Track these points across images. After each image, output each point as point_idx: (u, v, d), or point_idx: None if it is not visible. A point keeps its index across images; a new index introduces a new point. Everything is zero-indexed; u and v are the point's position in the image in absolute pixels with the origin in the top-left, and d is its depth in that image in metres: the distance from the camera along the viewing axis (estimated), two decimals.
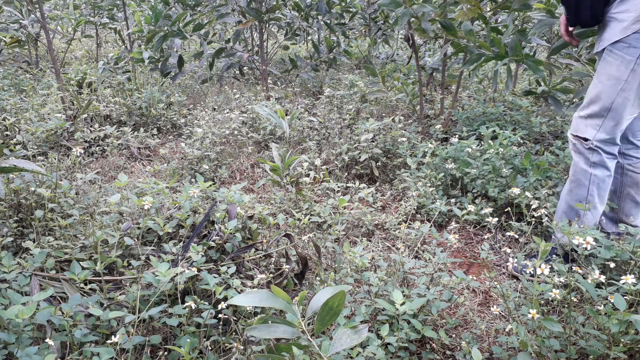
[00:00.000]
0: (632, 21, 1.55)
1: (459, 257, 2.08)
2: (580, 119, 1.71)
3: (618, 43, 1.59)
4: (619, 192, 1.86)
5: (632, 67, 1.58)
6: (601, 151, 1.68)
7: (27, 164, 1.55)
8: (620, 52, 1.59)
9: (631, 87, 1.61)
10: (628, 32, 1.57)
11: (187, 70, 4.29)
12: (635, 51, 1.57)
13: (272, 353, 1.10)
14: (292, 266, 1.73)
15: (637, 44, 1.56)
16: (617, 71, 1.61)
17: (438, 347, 1.44)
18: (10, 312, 1.16)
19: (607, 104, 1.64)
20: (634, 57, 1.57)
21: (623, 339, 1.21)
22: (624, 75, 1.60)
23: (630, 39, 1.57)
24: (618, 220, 1.89)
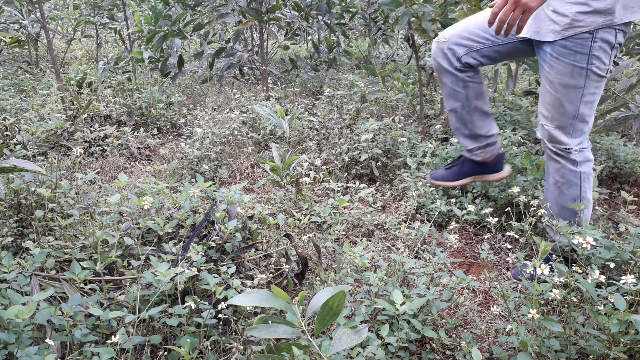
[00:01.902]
0: (563, 26, 1.51)
1: (459, 257, 2.08)
2: (550, 130, 1.67)
3: (559, 49, 1.54)
4: (467, 106, 1.81)
5: (585, 73, 1.55)
6: (582, 149, 1.68)
7: (27, 164, 1.55)
8: (568, 59, 1.54)
9: (590, 91, 1.59)
10: (558, 37, 1.52)
11: (187, 70, 4.29)
12: (583, 57, 1.52)
13: (272, 353, 1.10)
14: (292, 266, 1.73)
15: (582, 50, 1.51)
16: (573, 79, 1.56)
17: (438, 347, 1.44)
18: (10, 312, 1.16)
19: (572, 112, 1.61)
20: (584, 63, 1.53)
21: (623, 339, 1.21)
22: (580, 83, 1.56)
23: (573, 46, 1.52)
24: (475, 136, 1.85)
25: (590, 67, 1.53)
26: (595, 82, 1.57)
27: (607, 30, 1.48)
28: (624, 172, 2.60)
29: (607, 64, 1.55)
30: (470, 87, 1.77)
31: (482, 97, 1.81)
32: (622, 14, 1.47)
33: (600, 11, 1.45)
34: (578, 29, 1.48)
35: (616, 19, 1.47)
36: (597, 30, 1.48)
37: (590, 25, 1.47)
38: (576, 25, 1.49)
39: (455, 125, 1.87)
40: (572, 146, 1.66)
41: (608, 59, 1.54)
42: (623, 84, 2.06)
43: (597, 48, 1.50)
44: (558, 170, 1.71)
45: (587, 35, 1.48)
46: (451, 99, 1.82)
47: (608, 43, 1.51)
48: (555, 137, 1.66)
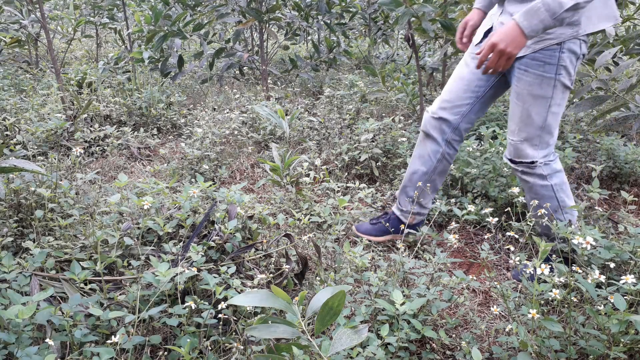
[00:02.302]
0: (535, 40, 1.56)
1: (459, 257, 2.08)
2: (516, 144, 1.70)
3: (528, 61, 1.59)
4: (430, 174, 1.92)
5: (553, 84, 1.59)
6: (549, 162, 1.70)
7: (27, 164, 1.55)
8: (537, 70, 1.59)
9: (557, 102, 1.63)
10: (529, 51, 1.57)
11: (187, 70, 4.29)
12: (551, 67, 1.57)
13: (272, 353, 1.10)
14: (292, 266, 1.73)
15: (551, 61, 1.56)
16: (541, 90, 1.60)
17: (438, 347, 1.44)
18: (10, 312, 1.16)
19: (539, 123, 1.64)
20: (553, 73, 1.58)
21: (623, 339, 1.21)
22: (548, 93, 1.61)
23: (542, 57, 1.57)
24: (415, 202, 1.98)
25: (558, 77, 1.58)
26: (562, 92, 1.62)
27: (573, 41, 1.55)
28: (624, 172, 2.60)
29: (572, 74, 1.61)
30: (442, 163, 1.90)
31: (444, 175, 1.95)
32: (586, 25, 1.54)
33: (568, 23, 1.51)
34: (548, 41, 1.54)
35: (581, 30, 1.54)
36: (564, 42, 1.54)
37: (559, 37, 1.53)
38: (546, 38, 1.54)
39: (406, 184, 1.98)
40: (537, 159, 1.69)
41: (573, 69, 1.60)
42: (623, 84, 2.06)
43: (564, 59, 1.56)
44: (530, 189, 1.74)
45: (555, 46, 1.54)
46: (420, 162, 1.93)
47: (574, 53, 1.57)
48: (521, 150, 1.69)
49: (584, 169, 2.71)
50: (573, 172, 2.72)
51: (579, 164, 2.76)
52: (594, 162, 2.67)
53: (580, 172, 2.71)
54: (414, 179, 1.96)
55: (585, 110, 2.21)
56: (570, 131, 3.05)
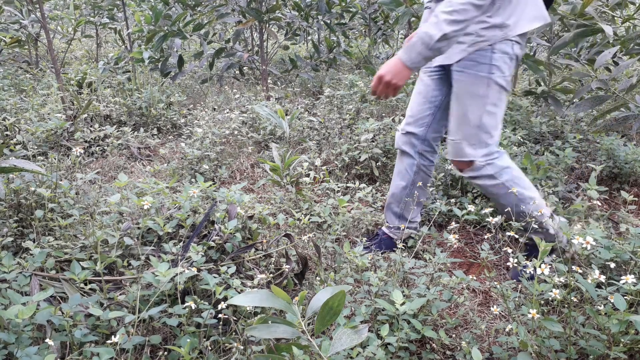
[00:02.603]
0: (469, 43, 1.64)
1: (459, 257, 2.08)
2: (455, 143, 1.74)
3: (464, 62, 1.66)
4: (409, 188, 1.98)
5: (487, 83, 1.65)
6: (490, 161, 1.72)
7: (27, 164, 1.55)
8: (472, 70, 1.66)
9: (493, 101, 1.68)
10: (464, 54, 1.66)
11: (187, 70, 4.29)
12: (484, 67, 1.64)
13: (272, 353, 1.10)
14: (292, 266, 1.73)
15: (484, 60, 1.63)
16: (476, 89, 1.67)
17: (438, 347, 1.44)
18: (10, 312, 1.16)
19: (475, 122, 1.69)
20: (486, 72, 1.64)
21: (623, 339, 1.21)
22: (483, 92, 1.66)
23: (476, 57, 1.64)
24: (401, 217, 2.02)
25: (491, 76, 1.64)
26: (497, 93, 1.67)
27: (504, 43, 1.63)
28: (623, 172, 2.60)
29: (506, 75, 1.66)
30: (419, 175, 1.96)
31: (424, 188, 2.01)
32: (515, 27, 1.62)
33: (497, 25, 1.61)
34: (481, 44, 1.64)
35: (511, 32, 1.62)
36: (496, 43, 1.62)
37: (490, 39, 1.62)
38: (479, 40, 1.63)
39: (389, 201, 2.04)
40: (475, 158, 1.71)
41: (508, 69, 1.66)
42: (623, 84, 2.06)
43: (497, 58, 1.63)
44: (487, 192, 1.77)
45: (488, 47, 1.63)
46: (399, 177, 2.01)
47: (506, 54, 1.64)
48: (459, 150, 1.73)
49: (584, 169, 2.71)
50: (573, 172, 2.72)
51: (579, 164, 2.76)
52: (594, 162, 2.67)
53: (580, 172, 2.71)
54: (396, 194, 2.02)
55: (585, 110, 2.21)
56: (570, 131, 3.05)
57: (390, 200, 2.04)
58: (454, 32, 1.51)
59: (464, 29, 1.52)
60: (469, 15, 1.50)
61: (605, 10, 2.38)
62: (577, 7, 2.08)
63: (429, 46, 1.53)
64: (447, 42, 1.53)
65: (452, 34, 1.51)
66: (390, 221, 2.06)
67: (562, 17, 2.15)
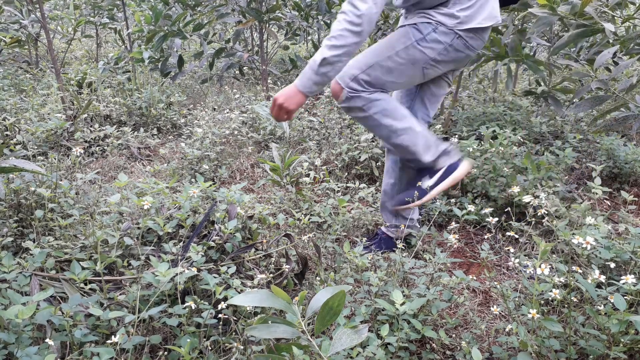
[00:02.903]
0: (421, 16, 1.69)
1: (459, 257, 2.08)
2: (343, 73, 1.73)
3: (411, 24, 1.71)
4: (398, 185, 1.98)
5: (407, 44, 1.69)
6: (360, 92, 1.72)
7: (27, 164, 1.55)
8: (409, 29, 1.70)
9: (397, 61, 1.69)
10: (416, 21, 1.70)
11: (187, 70, 4.29)
12: (417, 34, 1.68)
13: (272, 353, 1.10)
14: (292, 266, 1.73)
15: (423, 30, 1.67)
16: (396, 42, 1.70)
17: (438, 347, 1.44)
18: (10, 312, 1.16)
19: (370, 60, 1.71)
20: (414, 38, 1.68)
21: (623, 339, 1.21)
22: (398, 47, 1.69)
23: (420, 25, 1.68)
24: (394, 213, 2.02)
25: (415, 43, 1.68)
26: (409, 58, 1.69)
27: (448, 31, 1.66)
28: (624, 172, 2.60)
29: (428, 54, 1.68)
30: (404, 170, 1.95)
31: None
32: (465, 21, 1.65)
33: (449, 14, 1.66)
34: (431, 19, 1.68)
35: (458, 25, 1.66)
36: (440, 26, 1.66)
37: (440, 22, 1.66)
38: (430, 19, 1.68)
39: (383, 200, 2.05)
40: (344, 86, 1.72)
41: (435, 53, 1.68)
42: (623, 84, 2.06)
43: (432, 36, 1.67)
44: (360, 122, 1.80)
45: (434, 24, 1.67)
46: (387, 176, 2.03)
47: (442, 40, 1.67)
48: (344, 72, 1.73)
49: (584, 169, 2.71)
50: (573, 172, 2.72)
51: (579, 164, 2.76)
52: (594, 162, 2.67)
53: (580, 172, 2.71)
54: (387, 192, 2.03)
55: (585, 110, 2.21)
56: (570, 131, 3.05)
57: (384, 198, 2.04)
58: (333, 56, 1.55)
59: (345, 53, 1.55)
60: (346, 40, 1.53)
61: (605, 10, 2.38)
62: (576, 6, 2.08)
63: (315, 71, 1.58)
64: (330, 67, 1.56)
65: (332, 58, 1.55)
66: (387, 219, 2.06)
67: (562, 17, 2.15)
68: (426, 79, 1.78)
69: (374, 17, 1.53)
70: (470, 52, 1.73)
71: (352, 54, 1.58)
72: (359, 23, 1.52)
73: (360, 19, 1.51)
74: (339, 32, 1.53)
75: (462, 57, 1.73)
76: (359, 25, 1.52)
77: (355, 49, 1.57)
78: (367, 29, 1.53)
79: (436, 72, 1.76)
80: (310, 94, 1.64)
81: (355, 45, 1.56)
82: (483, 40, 1.73)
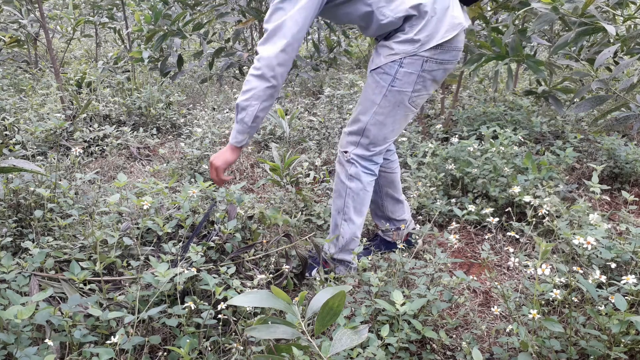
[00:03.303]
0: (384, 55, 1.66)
1: (459, 257, 2.07)
2: (345, 135, 1.80)
3: (377, 70, 1.68)
4: (379, 192, 1.99)
5: (384, 92, 1.68)
6: (357, 164, 1.77)
7: (27, 164, 1.55)
8: (377, 76, 1.68)
9: (384, 112, 1.70)
10: (380, 64, 1.67)
11: (186, 70, 4.28)
12: (388, 78, 1.66)
13: (272, 353, 1.10)
14: (292, 266, 1.73)
15: (390, 71, 1.65)
16: (373, 94, 1.70)
17: (438, 347, 1.44)
18: (9, 312, 1.15)
19: (362, 124, 1.73)
20: (387, 83, 1.66)
21: (624, 339, 1.20)
22: (377, 99, 1.69)
23: (385, 67, 1.66)
24: (388, 219, 2.03)
25: (390, 87, 1.67)
26: (393, 105, 1.68)
27: (414, 58, 1.63)
28: (624, 172, 2.60)
29: (406, 90, 1.67)
30: (382, 177, 1.95)
31: (393, 185, 1.99)
32: (426, 42, 1.61)
33: (408, 40, 1.62)
34: (393, 56, 1.64)
35: (421, 48, 1.62)
36: (404, 58, 1.63)
37: (401, 52, 1.63)
38: (391, 53, 1.65)
39: (371, 207, 2.05)
40: (349, 152, 1.77)
41: (411, 85, 1.66)
42: (623, 84, 2.06)
43: (402, 73, 1.65)
44: (336, 177, 1.83)
45: (398, 60, 1.64)
46: None
47: (413, 70, 1.64)
48: (343, 142, 1.79)
49: (585, 169, 2.71)
50: (574, 172, 2.72)
51: (579, 163, 2.76)
52: (595, 162, 2.67)
53: (581, 172, 2.70)
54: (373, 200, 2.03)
55: (586, 110, 2.21)
56: (571, 131, 3.04)
57: (371, 207, 2.06)
58: (243, 101, 1.58)
59: (253, 97, 1.56)
60: (251, 85, 1.55)
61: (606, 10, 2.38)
62: (579, 5, 2.07)
63: (235, 120, 1.62)
64: (244, 112, 1.58)
65: (242, 103, 1.58)
66: (380, 225, 2.07)
67: (563, 16, 2.14)
68: (419, 107, 1.78)
69: (273, 62, 1.52)
70: (447, 65, 1.69)
71: (264, 97, 1.57)
72: (259, 67, 1.53)
73: (259, 62, 1.53)
74: (247, 77, 1.57)
75: (441, 73, 1.70)
76: (259, 69, 1.53)
77: (266, 93, 1.56)
78: (267, 72, 1.52)
79: (425, 97, 1.74)
80: (238, 144, 1.66)
81: (264, 90, 1.56)
82: (456, 49, 1.68)
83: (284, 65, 1.53)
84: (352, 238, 1.83)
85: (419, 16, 1.59)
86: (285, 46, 1.51)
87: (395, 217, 2.02)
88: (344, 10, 1.65)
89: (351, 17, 1.67)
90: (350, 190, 1.78)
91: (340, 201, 1.81)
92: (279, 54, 1.52)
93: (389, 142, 1.78)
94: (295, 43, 1.53)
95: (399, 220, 2.03)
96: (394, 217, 2.02)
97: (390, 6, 1.59)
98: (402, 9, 1.58)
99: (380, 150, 1.77)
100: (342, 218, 1.81)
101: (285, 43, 1.51)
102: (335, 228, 1.84)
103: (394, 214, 2.02)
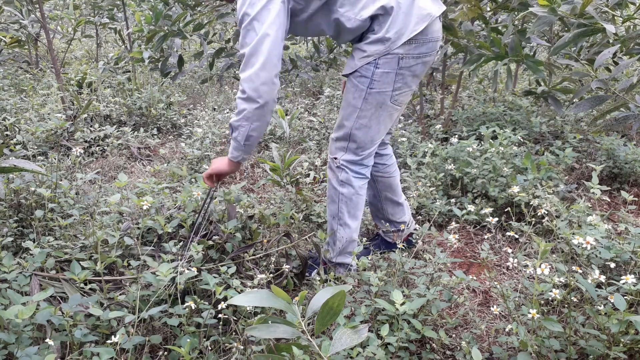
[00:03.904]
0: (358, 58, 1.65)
1: (459, 257, 2.08)
2: (332, 141, 1.80)
3: (354, 74, 1.67)
4: (378, 196, 2.00)
5: (364, 96, 1.67)
6: (348, 170, 1.77)
7: (27, 164, 1.55)
8: (355, 80, 1.67)
9: (367, 115, 1.69)
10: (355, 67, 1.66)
11: (187, 70, 4.29)
12: (365, 80, 1.65)
13: (272, 353, 1.10)
14: (292, 266, 1.73)
15: (367, 74, 1.64)
16: (353, 99, 1.69)
17: (438, 347, 1.44)
18: (10, 312, 1.16)
19: (347, 130, 1.73)
20: (365, 86, 1.65)
21: (623, 339, 1.21)
22: (358, 104, 1.68)
23: (362, 69, 1.64)
24: (386, 220, 2.03)
25: (369, 90, 1.66)
26: (374, 107, 1.68)
27: (388, 57, 1.61)
28: (624, 172, 2.60)
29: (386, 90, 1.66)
30: (379, 182, 1.97)
31: (392, 189, 2.00)
32: (396, 39, 1.59)
33: (379, 40, 1.60)
34: (367, 58, 1.63)
35: (393, 45, 1.60)
36: (379, 58, 1.62)
37: (374, 53, 1.62)
38: (364, 55, 1.64)
39: (370, 209, 2.09)
40: (339, 158, 1.77)
41: (390, 84, 1.65)
42: (623, 84, 2.06)
43: (378, 74, 1.63)
44: (328, 183, 1.83)
45: (373, 62, 1.63)
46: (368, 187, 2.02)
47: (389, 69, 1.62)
48: (332, 148, 1.80)
49: (584, 169, 2.71)
50: (573, 172, 2.72)
51: (579, 164, 2.76)
52: (594, 162, 2.67)
53: (580, 172, 2.71)
54: (372, 203, 2.06)
55: (585, 110, 2.21)
56: (570, 131, 3.05)
57: (371, 209, 2.08)
58: (235, 121, 1.59)
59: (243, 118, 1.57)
60: (241, 107, 1.56)
61: (605, 10, 2.38)
62: (577, 6, 2.07)
63: (233, 136, 1.63)
64: (237, 132, 1.60)
65: (234, 123, 1.60)
66: (381, 226, 2.07)
67: (562, 17, 2.15)
68: (405, 104, 1.77)
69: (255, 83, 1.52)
70: (425, 58, 1.66)
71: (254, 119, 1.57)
72: (244, 90, 1.54)
73: (242, 85, 1.54)
74: (236, 101, 1.59)
75: (421, 67, 1.67)
76: (244, 93, 1.54)
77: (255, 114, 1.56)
78: (252, 94, 1.53)
79: (409, 93, 1.73)
80: (234, 160, 1.67)
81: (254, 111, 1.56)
82: (432, 40, 1.65)
83: (267, 83, 1.53)
84: (349, 241, 1.83)
85: (385, 13, 1.57)
86: (263, 64, 1.51)
87: (395, 219, 2.03)
88: (311, 23, 1.66)
89: (320, 29, 1.67)
90: (343, 195, 1.79)
91: (334, 207, 1.82)
92: (260, 73, 1.51)
93: (377, 143, 1.77)
94: (274, 58, 1.53)
95: (399, 222, 2.04)
96: (394, 219, 2.03)
97: (355, 9, 1.58)
98: (367, 10, 1.57)
99: (369, 152, 1.77)
100: (337, 223, 1.82)
101: (262, 61, 1.51)
102: (332, 233, 1.85)
103: (394, 216, 2.02)
